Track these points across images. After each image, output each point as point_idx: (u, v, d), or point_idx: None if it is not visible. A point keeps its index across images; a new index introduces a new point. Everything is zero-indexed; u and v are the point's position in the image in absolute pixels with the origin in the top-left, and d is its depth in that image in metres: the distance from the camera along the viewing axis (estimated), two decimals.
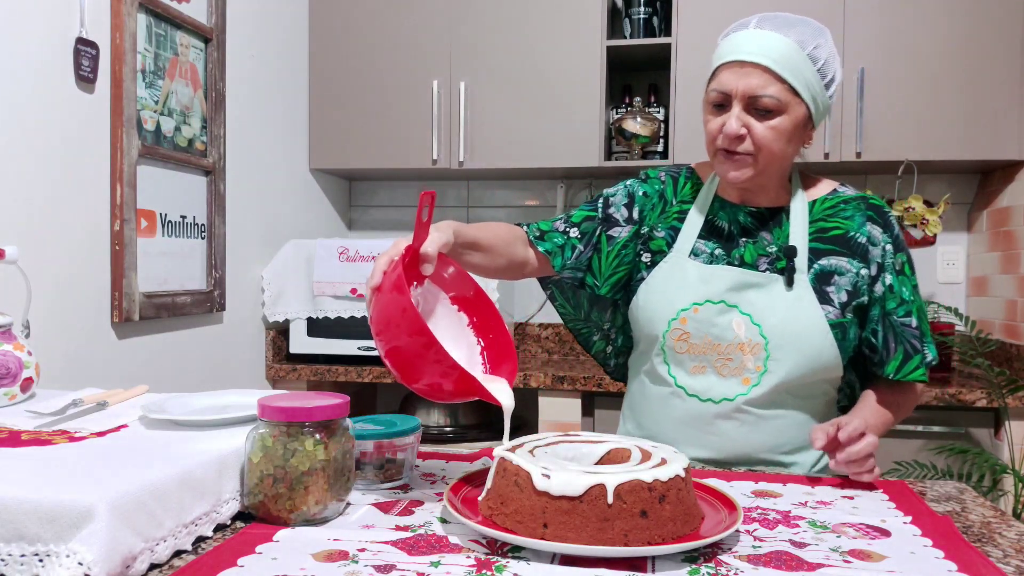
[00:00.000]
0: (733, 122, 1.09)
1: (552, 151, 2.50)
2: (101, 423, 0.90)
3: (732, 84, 1.09)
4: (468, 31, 2.53)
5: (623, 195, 1.26)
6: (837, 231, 1.17)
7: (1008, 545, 0.80)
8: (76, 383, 1.56)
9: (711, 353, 1.14)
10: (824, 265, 1.15)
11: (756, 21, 1.11)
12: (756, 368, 1.12)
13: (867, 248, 1.16)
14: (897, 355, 1.17)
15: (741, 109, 1.09)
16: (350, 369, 2.36)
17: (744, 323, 1.13)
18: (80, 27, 1.60)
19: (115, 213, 1.70)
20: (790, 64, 1.08)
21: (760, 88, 1.08)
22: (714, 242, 1.19)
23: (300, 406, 0.80)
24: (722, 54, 1.12)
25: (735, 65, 1.09)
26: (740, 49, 1.09)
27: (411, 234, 0.98)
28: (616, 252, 1.23)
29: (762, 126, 1.09)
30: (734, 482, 1.01)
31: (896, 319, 1.16)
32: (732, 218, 1.20)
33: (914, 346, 1.17)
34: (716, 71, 1.13)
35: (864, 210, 1.19)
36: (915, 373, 1.17)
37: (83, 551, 0.62)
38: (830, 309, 1.13)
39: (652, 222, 1.23)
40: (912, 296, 1.18)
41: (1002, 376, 2.05)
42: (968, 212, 2.63)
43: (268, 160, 2.40)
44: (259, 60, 2.34)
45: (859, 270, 1.15)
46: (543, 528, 0.73)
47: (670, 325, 1.15)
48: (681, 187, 1.25)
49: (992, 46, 2.26)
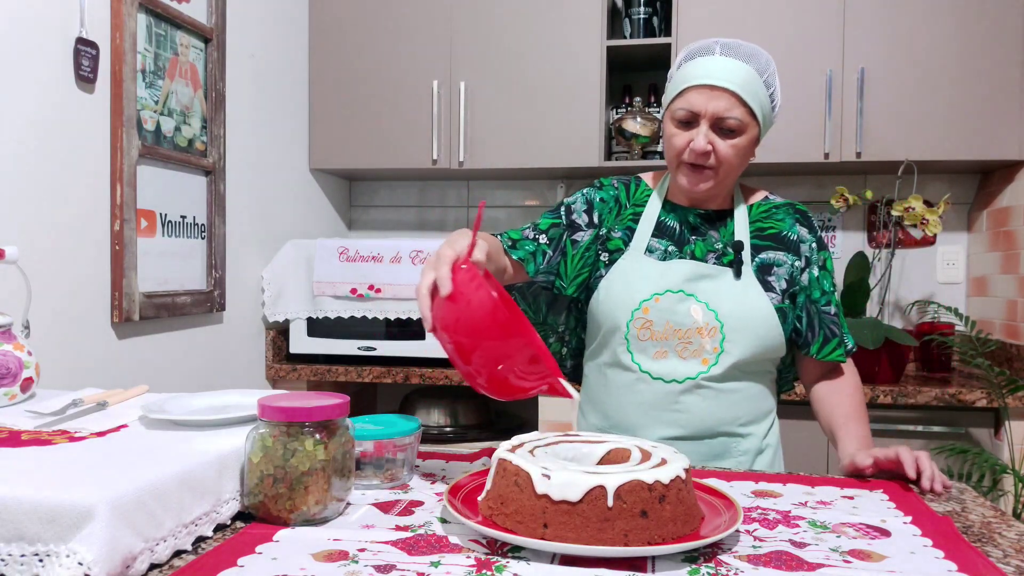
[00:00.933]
0: (701, 140, 1.19)
1: (552, 151, 2.50)
2: (101, 423, 0.90)
3: (701, 105, 1.19)
4: (468, 31, 2.53)
5: (582, 202, 1.35)
6: (772, 230, 1.31)
7: (1008, 545, 0.80)
8: (76, 383, 1.56)
9: (672, 338, 1.24)
10: (764, 258, 1.29)
11: (720, 49, 1.22)
12: (713, 349, 1.24)
13: (798, 244, 1.31)
14: (819, 338, 1.30)
15: (708, 128, 1.20)
16: (350, 369, 2.36)
17: (701, 309, 1.24)
18: (80, 27, 1.60)
19: (115, 213, 1.70)
20: (751, 90, 1.20)
21: (727, 111, 1.19)
22: (667, 240, 1.30)
23: (300, 406, 0.80)
24: (689, 76, 1.22)
25: (705, 88, 1.19)
26: (710, 74, 1.19)
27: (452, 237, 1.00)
28: (580, 255, 1.32)
29: (725, 144, 1.21)
30: (734, 482, 1.01)
31: (819, 307, 1.31)
32: (683, 219, 1.32)
33: (832, 331, 1.31)
34: (684, 91, 1.22)
35: (792, 214, 1.34)
36: (834, 354, 1.30)
37: (83, 551, 0.62)
38: (773, 296, 1.26)
39: (609, 224, 1.33)
40: (831, 288, 1.32)
41: (1002, 376, 2.05)
42: (968, 212, 2.63)
43: (268, 160, 2.40)
44: (259, 60, 2.34)
45: (793, 262, 1.29)
46: (543, 528, 0.73)
47: (633, 315, 1.25)
48: (633, 192, 1.37)
49: (992, 46, 2.26)
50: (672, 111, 1.24)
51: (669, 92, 1.27)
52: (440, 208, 2.98)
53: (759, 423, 1.29)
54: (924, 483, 1.02)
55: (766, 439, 1.30)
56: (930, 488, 1.01)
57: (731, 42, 1.24)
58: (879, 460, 1.08)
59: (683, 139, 1.22)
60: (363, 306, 2.35)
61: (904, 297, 2.67)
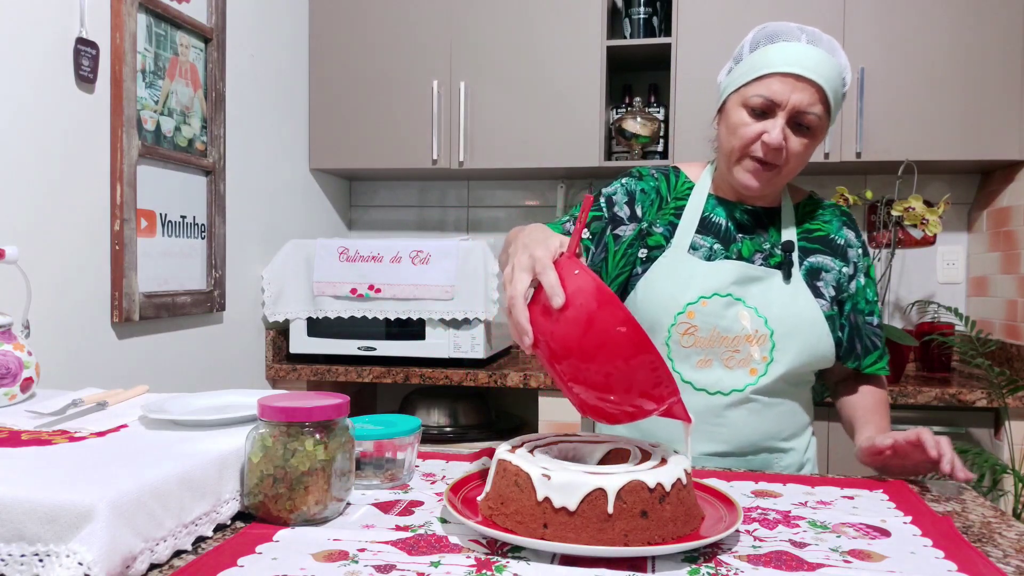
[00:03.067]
0: (777, 133, 1.09)
1: (552, 151, 2.50)
2: (101, 423, 0.90)
3: (784, 95, 1.09)
4: (468, 31, 2.53)
5: (623, 193, 1.25)
6: (820, 232, 1.24)
7: (1008, 545, 0.80)
8: (76, 383, 1.56)
9: (718, 346, 1.15)
10: (813, 262, 1.21)
11: (806, 37, 1.11)
12: (763, 358, 1.15)
13: (846, 249, 1.24)
14: (862, 350, 1.24)
15: (784, 121, 1.10)
16: (350, 369, 2.36)
17: (750, 315, 1.14)
18: (80, 27, 1.60)
19: (115, 213, 1.70)
20: (834, 87, 1.10)
21: (809, 105, 1.09)
22: (712, 237, 1.21)
23: (300, 406, 0.80)
24: (773, 61, 1.10)
25: (790, 77, 1.08)
26: (798, 62, 1.08)
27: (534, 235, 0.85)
28: (623, 251, 1.22)
29: (797, 141, 1.11)
30: (734, 482, 1.01)
31: (863, 318, 1.24)
32: (729, 215, 1.22)
33: (874, 343, 1.25)
34: (764, 76, 1.10)
35: (839, 216, 1.27)
36: (876, 366, 1.25)
37: (83, 551, 0.62)
38: (823, 302, 1.19)
39: (650, 218, 1.23)
40: (875, 297, 1.26)
41: (1002, 376, 2.05)
42: (968, 212, 2.63)
43: (268, 160, 2.40)
44: (259, 60, 2.34)
45: (840, 268, 1.22)
46: (543, 528, 0.73)
47: (676, 319, 1.15)
48: (673, 185, 1.26)
49: (992, 46, 2.26)
50: (744, 96, 1.12)
51: (740, 74, 1.14)
52: (440, 208, 2.98)
53: (799, 436, 1.22)
54: (944, 466, 0.98)
55: (807, 453, 1.23)
56: (949, 472, 0.97)
57: (814, 30, 1.13)
58: (898, 442, 1.02)
59: (754, 130, 1.11)
60: (363, 306, 2.35)
61: (904, 297, 2.67)
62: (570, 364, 0.75)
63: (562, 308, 0.74)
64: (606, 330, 0.72)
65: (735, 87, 1.15)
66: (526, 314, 0.77)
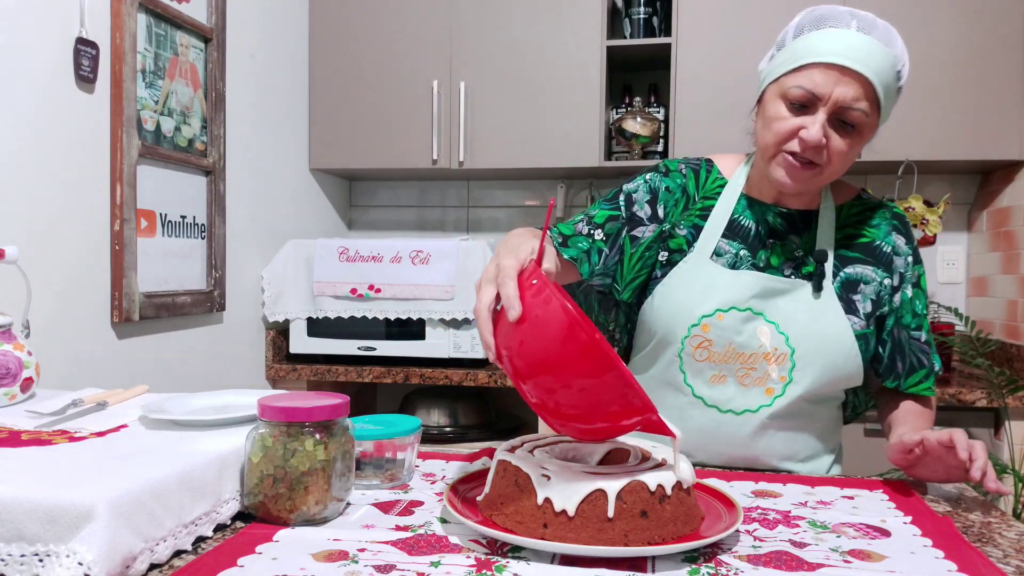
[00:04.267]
0: (817, 129, 1.00)
1: (552, 151, 2.50)
2: (101, 423, 0.90)
3: (827, 88, 0.99)
4: (468, 31, 2.53)
5: (645, 191, 1.17)
6: (863, 239, 1.14)
7: (1008, 545, 0.80)
8: (76, 383, 1.56)
9: (733, 362, 1.08)
10: (850, 273, 1.11)
11: (857, 23, 1.00)
12: (780, 378, 1.08)
13: (892, 258, 1.13)
14: (905, 368, 1.15)
15: (826, 117, 1.01)
16: (350, 369, 2.36)
17: (770, 332, 1.07)
18: (80, 27, 1.60)
19: (115, 213, 1.70)
20: (885, 82, 1.00)
21: (855, 101, 0.99)
22: (738, 243, 1.13)
23: (300, 406, 0.80)
24: (817, 49, 1.00)
25: (835, 68, 0.99)
26: (845, 52, 0.98)
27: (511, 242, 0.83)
28: (640, 254, 1.15)
29: (840, 140, 1.02)
30: (734, 482, 1.01)
31: (909, 333, 1.14)
32: (760, 218, 1.14)
33: (920, 360, 1.15)
34: (806, 66, 1.00)
35: (889, 219, 1.16)
36: (920, 387, 1.15)
37: (83, 551, 0.62)
38: (855, 319, 1.09)
39: (674, 219, 1.16)
40: (923, 310, 1.16)
41: (1002, 376, 2.05)
42: (968, 212, 2.63)
43: (268, 160, 2.40)
44: (259, 60, 2.34)
45: (883, 279, 1.12)
46: (543, 528, 0.73)
47: (690, 331, 1.09)
48: (703, 182, 1.17)
49: (992, 46, 2.26)
50: (783, 87, 1.03)
51: (781, 62, 1.04)
52: (440, 208, 2.98)
53: (816, 459, 1.15)
54: (974, 472, 0.89)
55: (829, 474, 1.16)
56: (979, 480, 0.89)
57: (868, 16, 1.01)
58: (929, 441, 0.93)
59: (791, 124, 1.02)
60: (363, 306, 2.35)
61: None
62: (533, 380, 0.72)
63: (520, 321, 0.71)
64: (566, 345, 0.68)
65: (775, 76, 1.05)
66: (489, 327, 0.75)
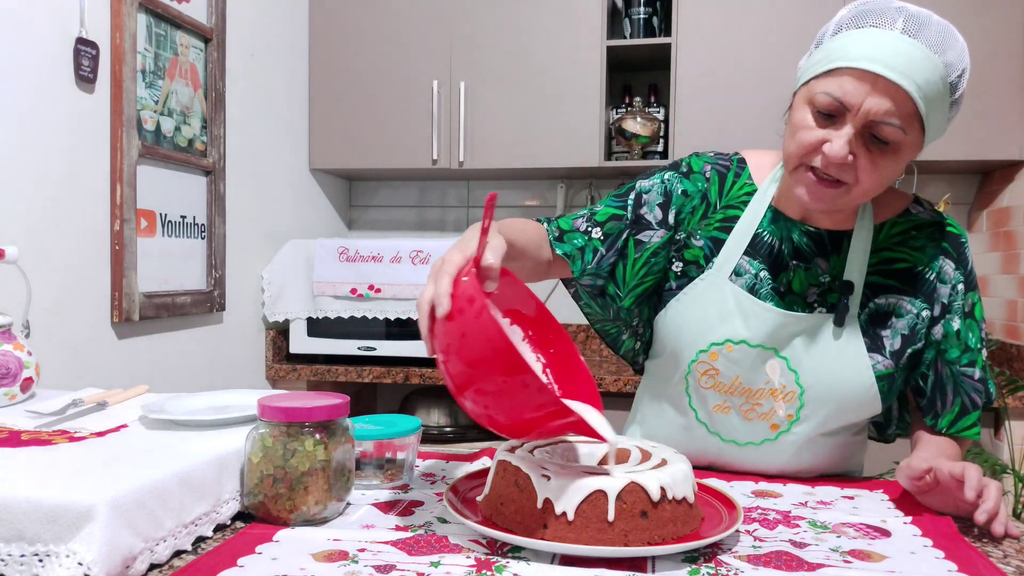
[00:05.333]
0: (842, 145, 0.87)
1: (552, 151, 2.50)
2: (101, 423, 0.90)
3: (856, 98, 0.86)
4: (468, 31, 2.53)
5: (658, 193, 1.07)
6: (904, 263, 1.01)
7: (1008, 545, 0.80)
8: (76, 383, 1.56)
9: (738, 396, 1.02)
10: (881, 304, 1.00)
11: (904, 23, 0.87)
12: (787, 416, 1.01)
13: (935, 286, 1.01)
14: (953, 408, 1.02)
15: (855, 131, 0.88)
16: (350, 369, 2.36)
17: (780, 367, 0.99)
18: (80, 27, 1.60)
19: (115, 213, 1.70)
20: (931, 93, 0.86)
21: (888, 115, 0.86)
22: (760, 263, 1.03)
23: (300, 406, 0.80)
24: (851, 53, 0.87)
25: (867, 76, 0.86)
26: (880, 58, 0.85)
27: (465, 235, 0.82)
28: (645, 259, 1.06)
29: (871, 159, 0.89)
30: (734, 482, 1.01)
31: (958, 368, 1.02)
32: (785, 235, 1.03)
33: (974, 401, 1.02)
34: (837, 70, 0.88)
35: (939, 240, 1.03)
36: (970, 431, 1.03)
37: (83, 551, 0.62)
38: (879, 359, 0.99)
39: (691, 227, 1.06)
40: (978, 344, 1.03)
41: (1002, 376, 2.05)
42: (968, 212, 2.63)
43: (268, 160, 2.40)
44: (259, 60, 2.34)
45: (920, 311, 1.00)
46: (543, 528, 0.73)
47: (698, 356, 1.02)
48: (728, 188, 1.07)
49: (992, 47, 2.26)
50: (812, 93, 0.90)
51: (814, 63, 0.92)
52: (440, 208, 2.98)
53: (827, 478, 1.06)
54: (978, 516, 0.79)
55: None
56: (985, 523, 0.80)
57: (921, 13, 0.88)
58: (941, 472, 0.83)
59: (816, 136, 0.90)
60: (363, 306, 2.35)
61: None
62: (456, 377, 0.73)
63: (448, 318, 0.70)
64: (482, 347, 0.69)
65: (806, 78, 0.93)
66: (426, 323, 0.73)
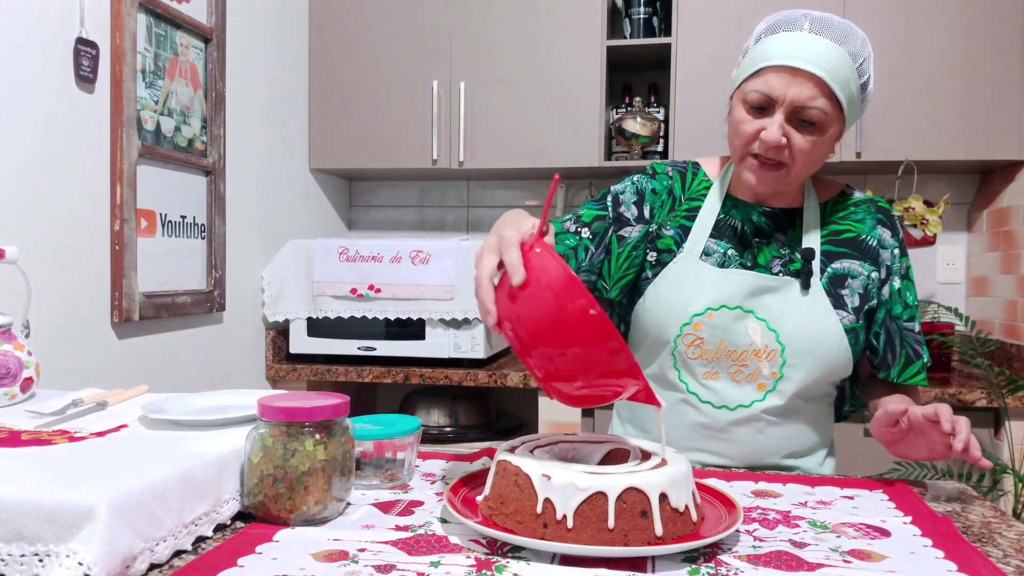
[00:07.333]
0: (775, 130, 1.04)
1: (552, 151, 2.50)
2: (101, 423, 0.90)
3: (781, 90, 1.04)
4: (468, 31, 2.53)
5: (632, 192, 1.21)
6: (849, 234, 1.16)
7: (1008, 545, 0.80)
8: (76, 383, 1.56)
9: (725, 359, 1.12)
10: (837, 268, 1.14)
11: (809, 24, 1.06)
12: (772, 375, 1.11)
13: (878, 251, 1.16)
14: (900, 359, 1.17)
15: (784, 118, 1.05)
16: (350, 369, 2.36)
17: (760, 329, 1.10)
18: (80, 27, 1.60)
19: (115, 213, 1.70)
20: (841, 78, 1.04)
21: (810, 100, 1.03)
22: (726, 242, 1.16)
23: (300, 406, 0.80)
24: (771, 54, 1.06)
25: (786, 71, 1.04)
26: (794, 54, 1.03)
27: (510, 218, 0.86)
28: (627, 253, 1.18)
29: (802, 138, 1.06)
30: (734, 482, 1.01)
31: (901, 323, 1.17)
32: (745, 217, 1.17)
33: (916, 351, 1.17)
34: (761, 71, 1.06)
35: (874, 213, 1.19)
36: (917, 378, 1.18)
37: (83, 551, 0.62)
38: (844, 314, 1.12)
39: (660, 219, 1.19)
40: (914, 301, 1.19)
41: (1002, 376, 2.05)
42: (968, 212, 2.63)
43: (268, 160, 2.40)
44: (259, 60, 2.34)
45: (870, 273, 1.15)
46: (543, 528, 0.73)
47: (682, 330, 1.12)
48: (689, 184, 1.21)
49: (992, 46, 2.26)
50: (744, 92, 1.08)
51: (743, 69, 1.11)
52: (440, 208, 2.98)
53: (810, 455, 1.18)
54: (956, 444, 0.93)
55: (821, 471, 1.18)
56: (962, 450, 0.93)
57: (823, 16, 1.07)
58: (913, 414, 0.97)
59: (753, 127, 1.07)
60: (363, 306, 2.35)
61: None
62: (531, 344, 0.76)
63: (523, 287, 0.74)
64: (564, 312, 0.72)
65: (737, 83, 1.12)
66: (491, 294, 0.78)
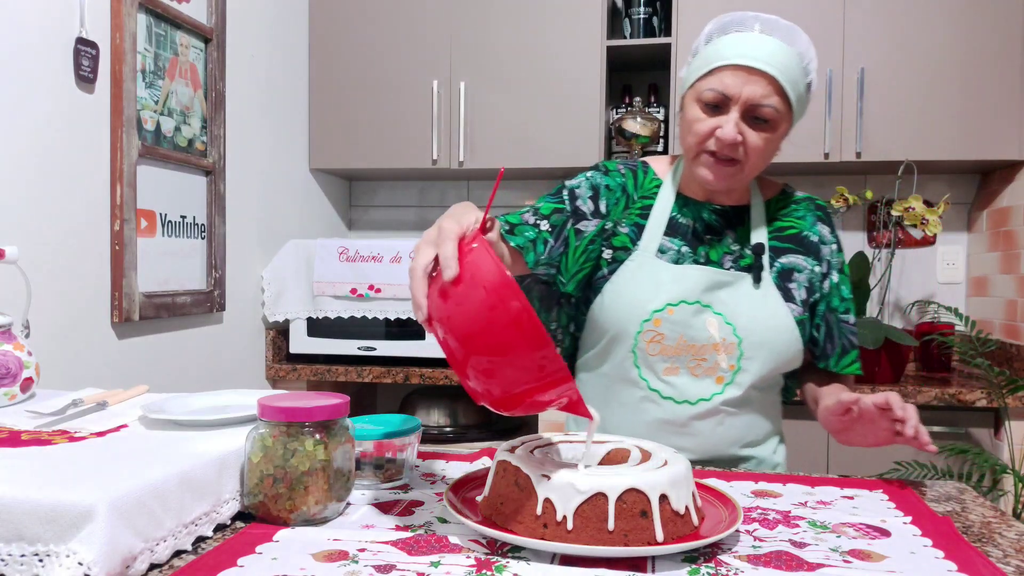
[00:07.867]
0: (731, 127, 1.07)
1: (552, 151, 2.50)
2: (101, 423, 0.90)
3: (735, 89, 1.07)
4: (468, 31, 2.53)
5: (587, 187, 1.21)
6: (792, 230, 1.21)
7: (1008, 545, 0.80)
8: (76, 383, 1.56)
9: (685, 354, 1.13)
10: (784, 263, 1.18)
11: (760, 26, 1.09)
12: (729, 367, 1.13)
13: (819, 247, 1.21)
14: (837, 350, 1.22)
15: (739, 115, 1.08)
16: (350, 369, 2.36)
17: (717, 323, 1.13)
18: (80, 27, 1.60)
19: (115, 213, 1.70)
20: (792, 77, 1.07)
21: (764, 98, 1.06)
22: (680, 240, 1.18)
23: (300, 406, 0.80)
24: (724, 53, 1.09)
25: (740, 70, 1.07)
26: (747, 54, 1.06)
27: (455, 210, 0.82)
28: (583, 247, 1.18)
29: (756, 135, 1.09)
30: (734, 482, 1.01)
31: (839, 315, 1.21)
32: (696, 216, 1.19)
33: (851, 342, 1.22)
34: (715, 70, 1.09)
35: (814, 210, 1.23)
36: (852, 367, 1.22)
37: (83, 551, 0.62)
38: (793, 307, 1.16)
39: (615, 217, 1.20)
40: (849, 295, 1.23)
41: (1002, 376, 2.05)
42: (968, 212, 2.63)
43: (268, 160, 2.40)
44: (259, 60, 2.34)
45: (813, 267, 1.19)
46: (543, 528, 0.73)
47: (643, 327, 1.13)
48: (640, 182, 1.22)
49: (992, 46, 2.26)
50: (698, 91, 1.10)
51: (695, 68, 1.13)
52: (440, 208, 2.98)
53: (764, 443, 1.21)
54: (907, 430, 0.96)
55: (774, 457, 1.22)
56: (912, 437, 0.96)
57: (771, 18, 1.10)
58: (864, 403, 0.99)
59: (708, 125, 1.09)
60: (363, 306, 2.35)
61: (904, 297, 2.66)
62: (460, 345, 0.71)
63: (455, 283, 0.70)
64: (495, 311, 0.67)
65: (690, 82, 1.13)
66: (423, 288, 0.74)
